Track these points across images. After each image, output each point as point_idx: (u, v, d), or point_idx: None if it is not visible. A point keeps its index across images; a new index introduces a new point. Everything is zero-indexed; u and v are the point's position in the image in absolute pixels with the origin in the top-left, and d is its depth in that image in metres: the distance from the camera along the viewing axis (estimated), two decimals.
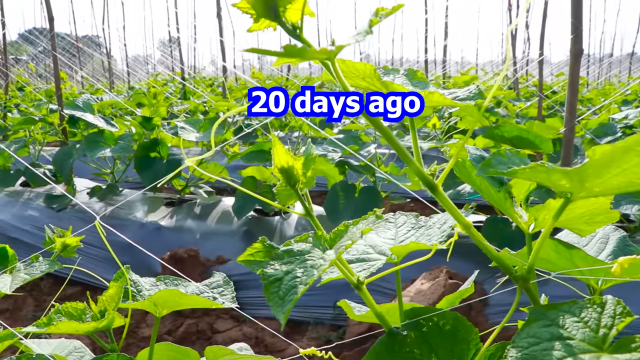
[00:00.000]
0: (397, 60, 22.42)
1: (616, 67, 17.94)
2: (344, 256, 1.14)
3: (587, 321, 0.76)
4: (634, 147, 0.65)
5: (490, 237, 3.07)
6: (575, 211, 1.05)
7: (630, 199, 3.03)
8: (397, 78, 0.94)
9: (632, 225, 3.28)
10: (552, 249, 1.22)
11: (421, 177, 0.77)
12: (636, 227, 3.25)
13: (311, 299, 3.44)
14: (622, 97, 8.31)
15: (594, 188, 0.74)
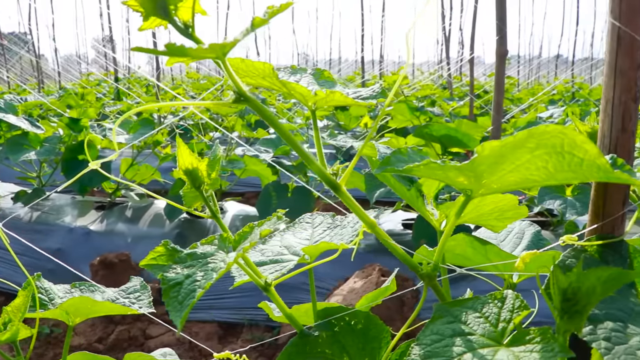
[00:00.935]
0: (335, 60, 22.53)
1: (545, 68, 18.52)
2: (260, 258, 1.13)
3: (488, 316, 0.78)
4: (525, 144, 0.66)
5: (420, 235, 3.12)
6: (485, 208, 1.07)
7: (553, 194, 3.12)
8: (304, 77, 0.93)
9: (555, 220, 3.38)
10: (468, 245, 1.24)
11: (323, 177, 0.77)
12: (559, 220, 3.36)
13: (244, 300, 3.41)
14: (549, 97, 8.59)
15: (492, 185, 0.75)
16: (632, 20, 0.76)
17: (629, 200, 0.83)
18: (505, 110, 7.84)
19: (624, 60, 0.77)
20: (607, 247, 0.83)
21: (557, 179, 0.72)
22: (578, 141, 0.64)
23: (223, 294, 3.48)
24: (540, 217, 3.71)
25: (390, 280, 1.37)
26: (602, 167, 0.65)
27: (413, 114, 3.74)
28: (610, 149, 0.81)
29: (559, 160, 0.67)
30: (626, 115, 0.79)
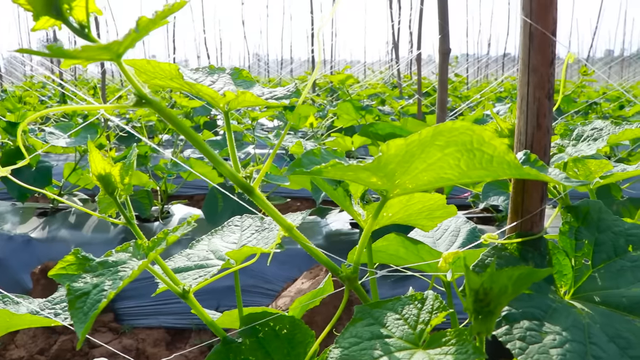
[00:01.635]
0: (287, 60, 22.46)
1: (493, 66, 18.84)
2: (185, 263, 1.10)
3: (407, 318, 0.76)
4: (434, 142, 0.65)
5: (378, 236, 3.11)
6: (413, 207, 1.06)
7: (497, 190, 3.15)
8: (221, 77, 0.91)
9: (499, 215, 3.43)
10: (400, 244, 1.23)
11: (235, 180, 0.74)
12: (504, 216, 3.40)
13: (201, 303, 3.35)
14: (497, 95, 8.73)
15: (407, 184, 0.74)
16: (543, 17, 0.76)
17: (547, 197, 0.83)
18: (454, 108, 7.94)
19: (536, 57, 0.77)
20: (526, 245, 0.83)
21: (471, 177, 0.71)
22: (486, 138, 0.63)
23: (170, 299, 3.42)
24: (485, 212, 3.75)
25: (325, 282, 1.35)
26: (512, 164, 0.64)
27: (358, 113, 3.74)
28: (527, 145, 0.81)
29: (470, 158, 0.66)
30: (541, 113, 0.78)
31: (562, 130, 0.96)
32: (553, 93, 0.78)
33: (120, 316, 3.40)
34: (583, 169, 1.02)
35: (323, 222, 3.75)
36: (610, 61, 23.64)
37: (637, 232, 0.92)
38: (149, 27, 0.57)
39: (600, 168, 1.01)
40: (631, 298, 0.81)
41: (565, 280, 0.84)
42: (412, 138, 0.62)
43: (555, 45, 0.77)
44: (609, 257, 0.88)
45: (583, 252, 0.89)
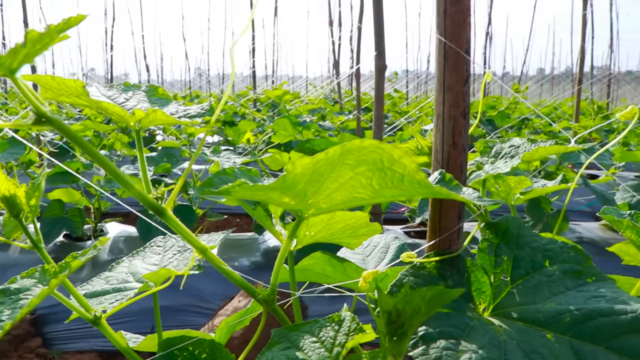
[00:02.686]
0: (228, 75, 22.34)
1: (432, 82, 19.20)
2: (103, 286, 1.06)
3: (324, 341, 0.75)
4: (344, 161, 0.64)
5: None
6: (336, 226, 1.05)
7: None
8: (135, 95, 0.88)
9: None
10: (327, 263, 1.22)
11: (144, 201, 0.71)
12: None
13: (125, 325, 3.25)
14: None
15: (321, 204, 0.73)
16: (457, 37, 0.76)
17: (464, 215, 0.83)
18: (394, 122, 8.04)
19: (451, 75, 0.77)
20: (444, 263, 0.83)
21: (385, 196, 0.70)
22: (396, 156, 0.62)
23: (109, 320, 3.31)
24: (422, 227, 3.79)
25: (253, 301, 1.33)
26: (422, 183, 0.64)
27: (296, 129, 3.73)
28: (443, 163, 0.81)
29: (382, 177, 0.66)
30: (456, 131, 0.79)
31: (482, 147, 0.96)
32: (468, 111, 0.79)
33: (48, 341, 3.27)
34: (503, 186, 1.04)
35: (261, 239, 3.71)
36: (542, 79, 24.46)
37: (553, 247, 0.93)
38: (44, 41, 0.54)
39: (519, 184, 1.02)
40: (546, 313, 0.81)
41: (484, 297, 0.84)
42: (319, 157, 0.61)
43: (469, 64, 0.77)
44: (527, 272, 0.89)
45: (502, 268, 0.89)
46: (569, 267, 0.91)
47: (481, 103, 0.94)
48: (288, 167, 0.60)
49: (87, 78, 18.72)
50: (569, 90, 14.90)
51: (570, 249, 0.93)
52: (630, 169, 6.57)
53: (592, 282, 0.89)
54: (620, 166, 5.50)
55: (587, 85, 12.75)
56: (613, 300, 0.84)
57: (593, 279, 0.90)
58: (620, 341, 0.77)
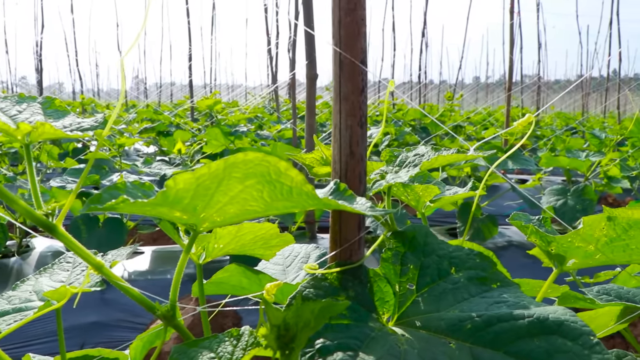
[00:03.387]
0: (166, 84, 22.06)
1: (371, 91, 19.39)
2: (5, 307, 1.01)
3: (222, 356, 0.73)
4: (231, 174, 0.62)
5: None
6: (245, 238, 1.03)
7: None
8: (30, 107, 0.85)
9: (369, 237, 3.49)
10: (242, 275, 1.20)
11: (32, 218, 0.68)
12: (374, 238, 3.47)
13: (54, 344, 3.15)
14: (374, 118, 8.97)
15: (215, 218, 0.71)
16: (352, 47, 0.76)
17: (365, 225, 0.83)
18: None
19: (347, 85, 0.77)
20: (346, 274, 0.82)
21: (278, 208, 0.69)
22: (282, 168, 0.62)
23: (33, 340, 3.19)
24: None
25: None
26: (310, 194, 0.63)
27: (227, 139, 3.69)
28: (341, 173, 0.81)
29: (272, 189, 0.65)
30: (353, 140, 0.78)
31: (387, 156, 0.97)
32: (366, 121, 0.79)
33: None
34: (412, 194, 1.04)
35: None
36: (477, 87, 25.09)
37: (459, 254, 0.94)
38: None
39: (427, 192, 1.03)
40: (449, 320, 0.82)
41: (387, 307, 0.84)
42: (202, 171, 0.59)
43: (365, 74, 0.77)
44: (432, 280, 0.90)
45: (408, 277, 0.90)
46: (475, 274, 0.92)
47: (385, 110, 0.95)
48: (169, 183, 0.59)
49: (17, 87, 18.10)
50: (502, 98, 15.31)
51: (476, 255, 0.94)
52: (559, 173, 6.80)
53: (497, 288, 0.91)
54: (548, 171, 5.68)
55: (517, 93, 13.14)
56: (514, 305, 0.85)
57: (498, 285, 0.92)
58: (518, 346, 0.78)
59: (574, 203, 3.73)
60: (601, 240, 1.01)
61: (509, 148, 3.70)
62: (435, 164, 0.87)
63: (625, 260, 1.09)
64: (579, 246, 1.02)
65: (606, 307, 1.34)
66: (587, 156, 4.02)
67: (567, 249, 1.04)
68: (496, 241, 3.81)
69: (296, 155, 0.98)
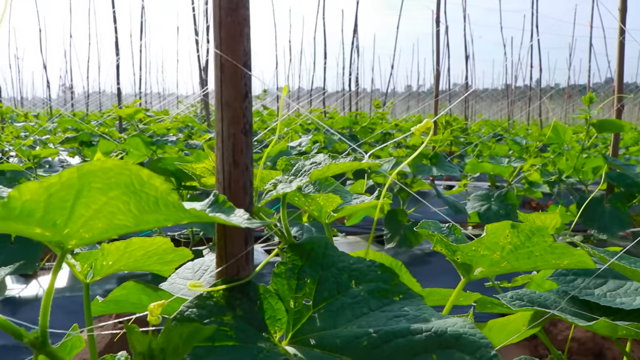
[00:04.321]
0: (95, 93, 21.49)
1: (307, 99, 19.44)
2: None
3: None
4: (91, 185, 0.56)
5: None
6: (135, 253, 0.97)
7: (291, 222, 3.17)
8: None
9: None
10: (142, 292, 1.13)
11: None
12: None
13: None
14: (306, 126, 8.96)
15: (82, 234, 0.64)
16: (234, 49, 0.71)
17: (252, 239, 0.78)
18: (264, 140, 8.03)
19: (229, 90, 0.72)
20: (233, 291, 0.77)
21: (149, 222, 0.63)
22: (145, 177, 0.56)
23: None
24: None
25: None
26: (176, 205, 0.58)
27: (149, 148, 3.58)
28: (225, 185, 0.75)
29: (138, 201, 0.59)
30: (237, 149, 0.73)
31: (284, 165, 0.92)
32: (250, 128, 0.74)
33: None
34: (314, 204, 1.00)
35: None
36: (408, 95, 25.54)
37: (360, 267, 0.90)
38: None
39: (329, 202, 0.99)
40: (344, 338, 0.78)
41: (279, 325, 0.79)
42: (51, 181, 0.53)
43: (249, 78, 0.73)
44: (331, 295, 0.86)
45: (305, 292, 0.85)
46: (375, 287, 0.88)
47: (280, 114, 0.90)
48: (12, 194, 0.52)
49: None
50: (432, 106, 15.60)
51: (378, 267, 0.90)
52: (487, 179, 6.95)
53: (399, 301, 0.87)
54: (475, 177, 5.78)
55: (445, 101, 13.43)
56: (414, 318, 0.82)
57: (400, 297, 0.88)
58: None
59: (497, 208, 3.79)
60: (506, 248, 1.00)
61: (433, 154, 3.73)
62: (327, 172, 0.83)
63: (530, 267, 1.08)
64: (484, 254, 1.01)
65: (519, 312, 1.34)
66: (510, 162, 4.10)
67: (473, 257, 1.02)
68: (424, 247, 3.83)
69: (186, 164, 0.92)
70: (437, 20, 6.03)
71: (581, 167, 4.07)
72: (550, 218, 1.86)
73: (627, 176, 3.83)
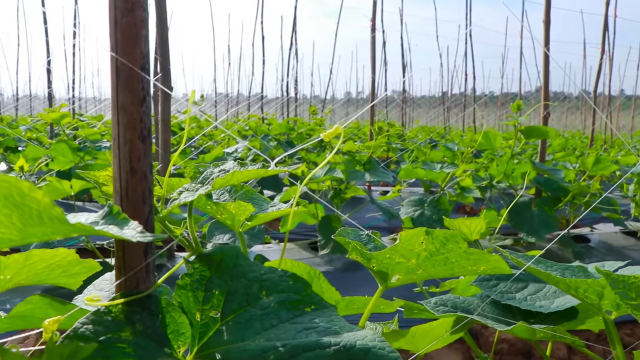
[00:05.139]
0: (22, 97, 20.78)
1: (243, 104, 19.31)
2: None
3: None
4: None
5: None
6: (37, 266, 0.92)
7: (223, 229, 3.11)
8: None
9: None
10: (49, 306, 1.08)
11: None
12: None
13: None
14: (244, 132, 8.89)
15: None
16: (130, 52, 0.68)
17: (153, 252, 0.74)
18: (201, 146, 7.92)
19: (125, 95, 0.69)
20: (133, 305, 0.74)
21: (37, 235, 0.60)
22: (26, 190, 0.52)
23: None
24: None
25: None
26: (60, 218, 0.54)
27: (76, 155, 3.47)
28: (122, 193, 0.72)
29: (22, 214, 0.55)
30: (134, 156, 0.70)
31: (192, 172, 0.89)
32: (149, 134, 0.71)
33: None
34: (226, 213, 0.98)
35: None
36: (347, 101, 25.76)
37: (272, 277, 0.88)
38: None
39: (241, 211, 0.97)
40: (251, 352, 0.75)
41: (183, 339, 0.76)
42: None
43: (147, 82, 0.70)
44: (240, 306, 0.83)
45: (212, 304, 0.82)
46: (286, 297, 0.86)
47: (187, 127, 0.87)
48: None
49: None
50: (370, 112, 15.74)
51: (289, 277, 0.88)
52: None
53: (311, 312, 0.85)
54: (411, 182, 5.85)
55: (383, 108, 13.59)
56: (324, 331, 0.80)
57: (312, 308, 0.86)
58: None
59: (430, 213, 3.84)
60: (421, 255, 0.99)
61: (367, 160, 3.75)
62: (231, 180, 0.81)
63: (448, 273, 1.08)
64: (400, 262, 1.00)
65: (441, 317, 1.34)
66: (442, 168, 4.16)
67: (388, 265, 1.01)
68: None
69: (88, 173, 0.88)
70: (372, 27, 6.09)
71: (511, 173, 4.17)
72: (475, 223, 1.89)
73: (554, 181, 3.95)
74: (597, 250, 4.27)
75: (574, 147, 9.78)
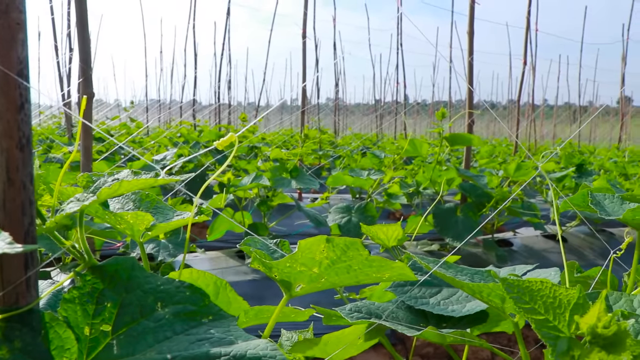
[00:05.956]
0: None
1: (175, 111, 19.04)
2: None
3: None
4: None
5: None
6: None
7: (152, 239, 3.05)
8: None
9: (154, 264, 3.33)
10: None
11: None
12: (158, 264, 3.31)
13: None
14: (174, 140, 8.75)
15: None
16: (5, 55, 0.66)
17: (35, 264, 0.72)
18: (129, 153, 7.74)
19: (0, 101, 0.66)
20: (12, 321, 0.71)
21: None
22: None
23: None
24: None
25: None
26: None
27: None
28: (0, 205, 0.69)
29: None
30: (12, 166, 0.67)
31: (85, 182, 0.87)
32: (28, 142, 0.68)
33: None
34: (124, 223, 0.95)
35: None
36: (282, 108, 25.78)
37: (169, 288, 0.86)
38: None
39: (139, 220, 0.95)
40: None
41: (68, 355, 0.74)
42: None
43: (26, 88, 0.67)
44: (133, 319, 0.81)
45: (104, 317, 0.80)
46: (182, 309, 0.84)
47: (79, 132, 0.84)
48: None
49: None
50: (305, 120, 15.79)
51: (187, 288, 0.87)
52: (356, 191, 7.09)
53: (207, 322, 0.84)
54: (342, 189, 5.88)
55: (315, 115, 13.66)
56: (218, 341, 0.79)
57: (210, 319, 0.85)
58: None
59: (357, 220, 3.87)
60: (323, 263, 1.00)
61: (294, 168, 3.75)
62: (119, 190, 0.79)
63: (353, 281, 1.09)
64: (302, 270, 1.00)
65: (354, 324, 1.35)
66: (369, 175, 4.21)
67: (290, 274, 1.01)
68: None
69: None
70: (303, 34, 6.12)
71: (437, 179, 4.25)
72: (392, 229, 1.91)
73: (478, 187, 4.05)
74: (519, 254, 4.41)
75: (499, 154, 10.08)
